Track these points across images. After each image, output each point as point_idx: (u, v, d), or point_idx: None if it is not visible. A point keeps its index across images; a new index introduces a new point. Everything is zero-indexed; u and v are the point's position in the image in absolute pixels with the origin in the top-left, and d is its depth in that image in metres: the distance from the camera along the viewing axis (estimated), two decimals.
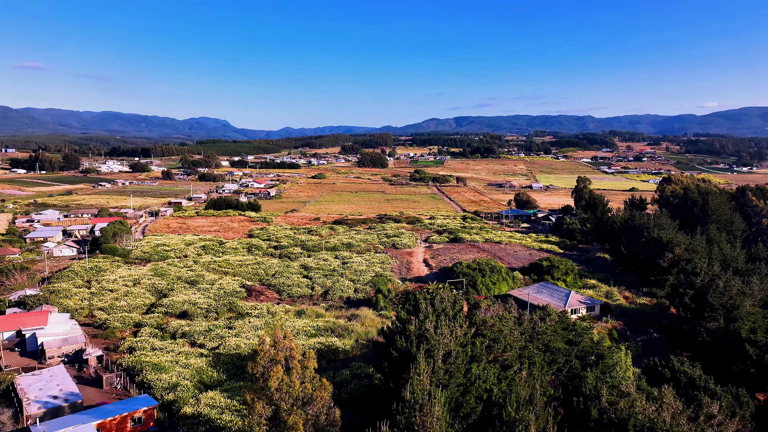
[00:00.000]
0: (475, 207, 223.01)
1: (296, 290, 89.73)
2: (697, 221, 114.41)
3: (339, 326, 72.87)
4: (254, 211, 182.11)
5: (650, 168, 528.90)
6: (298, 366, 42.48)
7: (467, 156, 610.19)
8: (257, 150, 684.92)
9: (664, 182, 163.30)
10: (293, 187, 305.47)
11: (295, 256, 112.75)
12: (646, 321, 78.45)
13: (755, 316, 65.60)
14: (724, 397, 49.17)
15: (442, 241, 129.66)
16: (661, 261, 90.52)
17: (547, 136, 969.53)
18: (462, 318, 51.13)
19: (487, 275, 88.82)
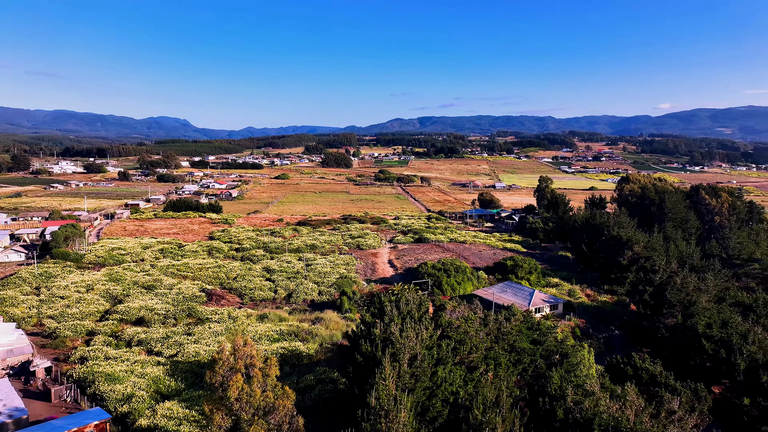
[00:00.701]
0: (439, 207, 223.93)
1: (258, 294, 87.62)
2: (655, 219, 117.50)
3: (303, 330, 71.36)
4: (215, 213, 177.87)
5: (608, 167, 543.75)
6: (259, 374, 40.94)
7: (431, 156, 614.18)
8: (218, 150, 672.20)
9: (622, 181, 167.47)
10: (256, 187, 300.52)
11: (257, 258, 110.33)
12: (607, 318, 79.72)
13: (711, 312, 67.31)
14: (683, 393, 50.10)
15: (407, 241, 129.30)
16: (620, 259, 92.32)
17: (510, 137, 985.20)
18: (428, 320, 50.52)
19: (452, 275, 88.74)
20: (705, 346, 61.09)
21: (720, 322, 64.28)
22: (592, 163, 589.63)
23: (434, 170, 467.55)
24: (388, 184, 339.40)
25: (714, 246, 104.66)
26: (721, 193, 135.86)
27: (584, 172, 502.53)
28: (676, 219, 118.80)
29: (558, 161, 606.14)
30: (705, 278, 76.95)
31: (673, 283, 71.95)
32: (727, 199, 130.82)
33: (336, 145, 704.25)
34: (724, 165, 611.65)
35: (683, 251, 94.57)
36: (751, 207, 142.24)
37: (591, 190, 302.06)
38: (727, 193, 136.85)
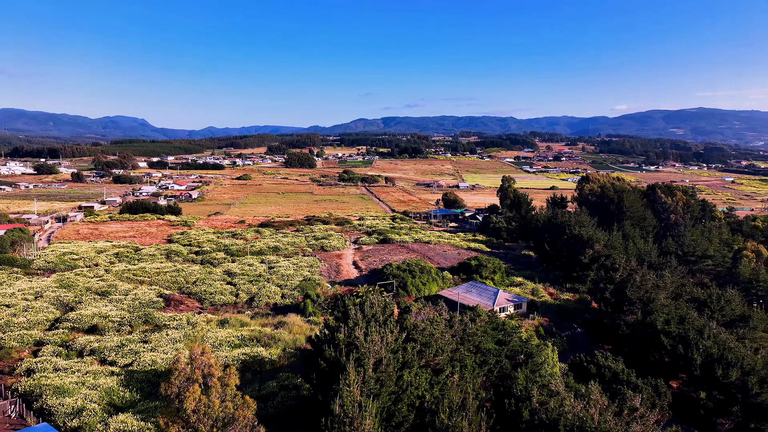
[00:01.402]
0: (404, 207, 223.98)
1: (219, 298, 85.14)
2: (614, 218, 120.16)
3: (265, 335, 69.53)
4: (174, 215, 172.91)
5: (569, 167, 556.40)
6: (217, 384, 39.25)
7: (395, 156, 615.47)
8: (178, 150, 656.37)
9: (582, 181, 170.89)
10: (217, 188, 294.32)
11: (218, 261, 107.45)
12: (570, 316, 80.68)
13: (669, 308, 68.87)
14: (645, 390, 50.83)
15: (372, 242, 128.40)
16: (582, 257, 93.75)
17: (473, 137, 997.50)
18: (393, 323, 49.70)
19: (417, 276, 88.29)
20: (664, 342, 62.40)
21: (677, 318, 65.83)
22: (552, 163, 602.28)
23: (398, 170, 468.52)
24: (353, 184, 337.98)
25: (670, 243, 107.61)
26: (676, 192, 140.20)
27: (545, 172, 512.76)
28: (634, 217, 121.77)
29: (520, 161, 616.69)
30: (663, 275, 78.79)
31: (632, 280, 73.30)
32: (682, 198, 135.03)
33: (299, 146, 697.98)
34: (678, 165, 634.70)
35: (641, 249, 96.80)
36: (703, 205, 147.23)
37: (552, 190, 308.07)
38: (681, 192, 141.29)
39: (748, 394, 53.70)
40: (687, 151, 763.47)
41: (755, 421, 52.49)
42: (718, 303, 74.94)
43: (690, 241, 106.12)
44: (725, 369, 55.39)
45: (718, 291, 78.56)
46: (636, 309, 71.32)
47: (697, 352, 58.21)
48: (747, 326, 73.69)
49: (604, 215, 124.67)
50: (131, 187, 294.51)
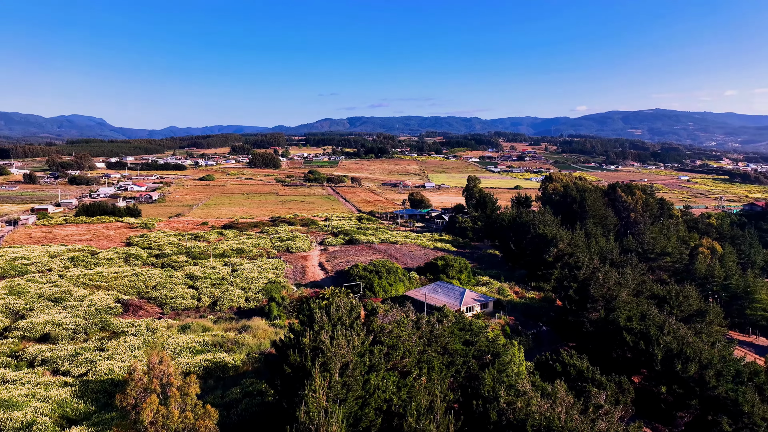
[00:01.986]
0: (370, 207, 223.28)
1: (180, 302, 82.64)
2: (576, 217, 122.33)
3: (228, 340, 67.72)
4: (134, 217, 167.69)
5: (532, 167, 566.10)
6: (177, 393, 37.67)
7: (361, 156, 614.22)
8: (138, 151, 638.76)
9: (546, 180, 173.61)
10: (178, 189, 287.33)
11: (179, 264, 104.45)
12: (535, 315, 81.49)
13: (630, 305, 70.21)
14: (609, 386, 51.49)
15: (338, 243, 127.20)
16: (546, 256, 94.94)
17: (438, 137, 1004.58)
18: (359, 326, 48.87)
19: (384, 277, 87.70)
20: (626, 338, 63.51)
21: (639, 314, 67.14)
22: (516, 163, 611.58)
23: (364, 170, 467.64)
24: (318, 184, 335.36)
25: (630, 241, 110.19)
26: (636, 190, 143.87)
27: (510, 172, 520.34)
28: (596, 216, 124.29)
29: (485, 161, 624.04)
30: (624, 273, 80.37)
31: (595, 278, 74.47)
32: (641, 197, 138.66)
33: (264, 146, 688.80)
34: (636, 164, 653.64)
35: (603, 247, 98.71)
36: (662, 204, 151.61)
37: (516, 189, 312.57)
38: (640, 191, 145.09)
39: (705, 388, 55.03)
40: (645, 151, 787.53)
41: (712, 413, 53.81)
42: (677, 299, 76.93)
43: (649, 238, 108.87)
44: (684, 363, 56.68)
45: (677, 287, 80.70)
46: (599, 306, 72.45)
47: (657, 348, 59.39)
48: (704, 321, 75.93)
49: (568, 214, 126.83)
50: (88, 188, 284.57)
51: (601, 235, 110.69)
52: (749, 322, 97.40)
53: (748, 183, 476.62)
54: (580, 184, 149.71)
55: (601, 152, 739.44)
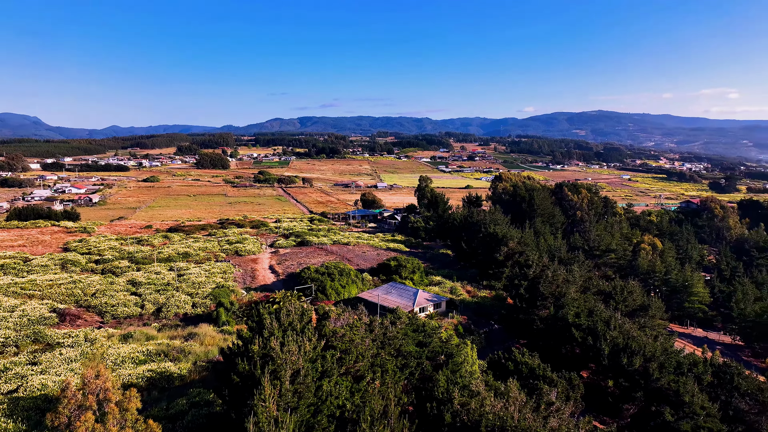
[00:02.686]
0: (322, 208, 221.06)
1: (122, 310, 78.69)
2: (525, 216, 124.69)
3: (174, 348, 64.80)
4: (72, 221, 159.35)
5: (482, 167, 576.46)
6: (115, 409, 35.33)
7: (313, 156, 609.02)
8: (77, 151, 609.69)
9: (496, 180, 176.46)
10: (121, 191, 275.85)
11: (121, 270, 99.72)
12: (487, 313, 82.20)
13: (578, 302, 71.78)
14: (559, 383, 52.18)
15: (289, 245, 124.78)
16: (497, 255, 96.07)
17: (390, 137, 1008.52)
18: (311, 330, 47.55)
19: (336, 279, 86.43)
20: (575, 335, 64.77)
21: (587, 311, 68.67)
22: (467, 163, 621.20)
23: (316, 171, 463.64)
24: (269, 185, 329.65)
25: (577, 239, 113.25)
26: (581, 189, 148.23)
27: (460, 171, 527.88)
28: (544, 215, 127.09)
29: (436, 161, 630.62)
30: (572, 270, 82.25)
31: (545, 276, 75.75)
32: (587, 196, 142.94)
33: (212, 146, 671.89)
34: (581, 164, 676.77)
35: (552, 245, 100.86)
36: (606, 202, 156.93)
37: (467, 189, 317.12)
38: (586, 190, 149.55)
39: (649, 380, 56.73)
40: (589, 151, 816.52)
41: (656, 404, 55.50)
42: (622, 294, 79.33)
43: (595, 236, 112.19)
44: (630, 357, 58.24)
45: (621, 283, 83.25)
46: (549, 303, 73.71)
47: (604, 343, 60.82)
48: (647, 315, 78.61)
49: (517, 213, 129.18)
50: (21, 191, 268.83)
51: (549, 233, 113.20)
52: (687, 314, 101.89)
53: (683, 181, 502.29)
54: (529, 184, 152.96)
55: (548, 152, 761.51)
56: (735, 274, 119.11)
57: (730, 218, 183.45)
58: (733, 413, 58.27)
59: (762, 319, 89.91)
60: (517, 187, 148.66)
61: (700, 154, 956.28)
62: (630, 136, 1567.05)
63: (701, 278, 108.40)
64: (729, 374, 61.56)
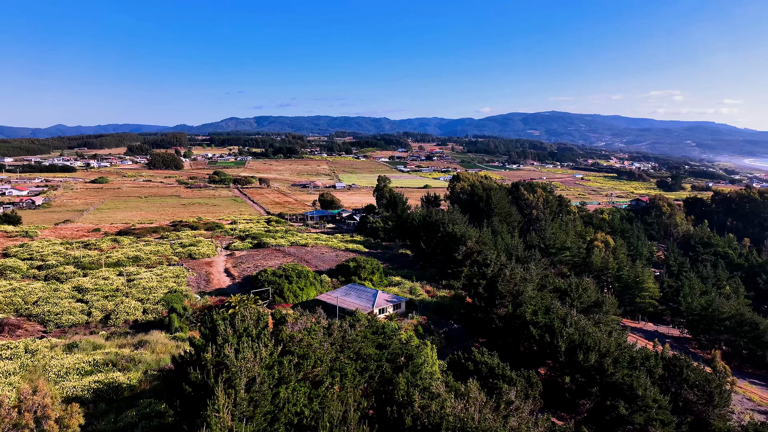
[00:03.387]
0: (279, 209, 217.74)
1: (67, 318, 74.81)
2: (483, 215, 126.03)
3: (123, 357, 61.96)
4: (12, 225, 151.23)
5: (440, 166, 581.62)
6: (54, 427, 33.29)
7: (270, 156, 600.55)
8: (18, 151, 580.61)
9: (454, 180, 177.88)
10: (67, 193, 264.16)
11: (66, 276, 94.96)
12: (446, 313, 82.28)
13: (536, 300, 72.67)
14: (519, 382, 52.42)
15: (245, 247, 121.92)
16: (456, 254, 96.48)
17: (348, 137, 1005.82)
18: (267, 336, 46.05)
19: (294, 281, 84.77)
20: (532, 332, 65.44)
21: (544, 308, 69.56)
22: (425, 163, 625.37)
23: (273, 171, 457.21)
24: (224, 186, 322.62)
25: (533, 237, 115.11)
26: (537, 189, 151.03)
27: (419, 171, 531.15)
28: (501, 214, 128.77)
29: (394, 161, 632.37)
30: (529, 268, 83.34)
31: (503, 275, 76.39)
32: (542, 194, 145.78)
33: (165, 146, 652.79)
34: (536, 163, 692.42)
35: (509, 244, 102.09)
36: (560, 201, 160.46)
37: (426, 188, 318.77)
38: (541, 189, 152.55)
39: (604, 375, 57.81)
40: (543, 151, 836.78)
41: (611, 398, 56.61)
42: (577, 291, 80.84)
43: (550, 234, 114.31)
44: (586, 353, 59.21)
45: (576, 280, 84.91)
46: (507, 302, 74.37)
47: (561, 340, 61.62)
48: (601, 311, 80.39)
49: (475, 212, 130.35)
50: None
51: (506, 232, 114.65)
52: (639, 309, 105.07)
53: (633, 180, 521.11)
54: (486, 183, 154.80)
55: (504, 152, 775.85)
56: (682, 269, 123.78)
57: (677, 215, 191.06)
58: (682, 404, 60.17)
59: (707, 313, 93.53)
60: (475, 186, 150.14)
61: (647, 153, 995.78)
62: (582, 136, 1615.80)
63: (651, 274, 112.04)
64: (678, 367, 63.55)
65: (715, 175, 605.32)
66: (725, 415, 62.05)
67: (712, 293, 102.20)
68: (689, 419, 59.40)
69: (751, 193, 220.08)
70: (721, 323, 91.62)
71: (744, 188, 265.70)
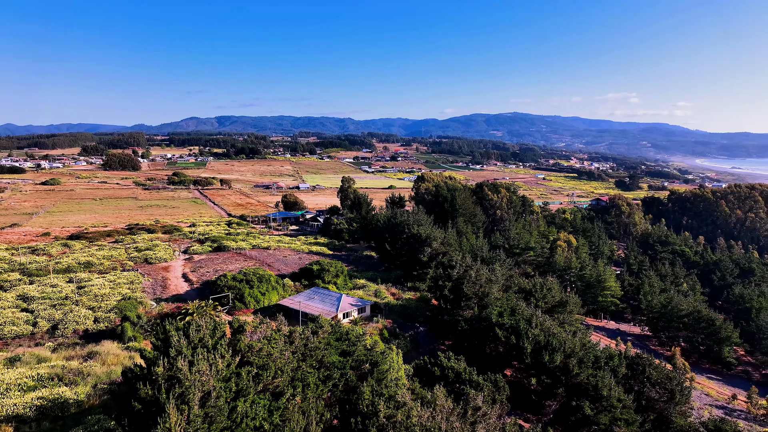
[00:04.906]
0: (241, 211, 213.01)
1: (10, 329, 70.27)
2: (448, 216, 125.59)
3: (71, 370, 58.30)
4: None
5: (405, 167, 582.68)
6: None
7: (232, 157, 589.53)
8: None
9: (418, 180, 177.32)
10: (15, 195, 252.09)
11: (10, 284, 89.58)
12: (412, 315, 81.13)
13: (501, 301, 72.23)
14: (485, 386, 51.56)
15: (205, 251, 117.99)
16: (421, 256, 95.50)
17: (312, 137, 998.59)
18: (224, 347, 43.67)
19: (256, 286, 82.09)
20: (498, 334, 64.88)
21: (509, 309, 69.14)
22: (390, 163, 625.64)
23: (235, 172, 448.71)
24: (184, 187, 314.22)
25: (498, 237, 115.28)
26: (501, 189, 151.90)
27: (383, 172, 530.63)
28: (466, 214, 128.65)
29: (359, 161, 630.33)
30: (494, 269, 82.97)
31: (468, 276, 75.71)
32: (506, 195, 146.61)
33: (121, 146, 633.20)
34: (499, 163, 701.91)
35: (474, 244, 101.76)
36: (524, 201, 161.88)
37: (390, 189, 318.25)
38: (505, 189, 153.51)
39: (569, 375, 57.63)
40: (506, 152, 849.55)
41: (576, 398, 56.45)
42: (541, 291, 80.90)
43: (514, 234, 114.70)
44: (551, 354, 58.90)
45: (541, 280, 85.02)
46: (473, 304, 73.69)
47: (527, 341, 61.22)
48: (565, 311, 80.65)
49: (440, 213, 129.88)
50: None
51: (471, 232, 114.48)
52: (601, 307, 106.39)
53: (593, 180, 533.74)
54: (451, 184, 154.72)
55: (468, 152, 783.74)
56: (642, 267, 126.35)
57: (636, 214, 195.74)
58: (645, 402, 60.57)
59: (667, 310, 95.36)
60: (440, 187, 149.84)
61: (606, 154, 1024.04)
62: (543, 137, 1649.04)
63: (612, 273, 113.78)
64: (641, 366, 64.01)
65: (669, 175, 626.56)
66: (686, 411, 62.78)
67: (671, 291, 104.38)
68: (651, 417, 59.81)
69: (704, 193, 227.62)
70: (680, 320, 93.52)
71: (698, 188, 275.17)
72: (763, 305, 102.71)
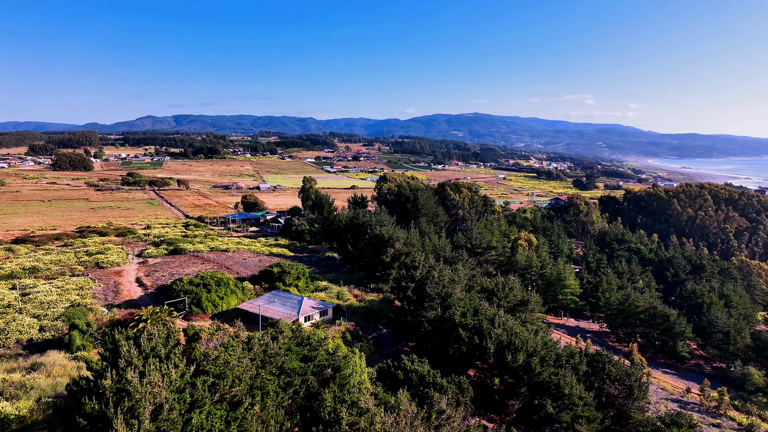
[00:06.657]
0: (199, 212, 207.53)
1: None
2: (411, 216, 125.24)
3: (12, 384, 54.77)
4: None
5: (367, 167, 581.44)
6: None
7: (190, 157, 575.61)
8: None
9: (381, 180, 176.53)
10: None
11: None
12: (375, 317, 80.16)
13: (464, 301, 72.02)
14: (450, 389, 50.99)
15: (160, 254, 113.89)
16: (384, 257, 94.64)
17: (273, 137, 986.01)
18: (178, 356, 41.58)
19: (214, 290, 79.41)
20: (462, 335, 64.61)
21: (472, 310, 69.00)
22: (352, 163, 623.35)
23: (193, 172, 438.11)
24: (139, 188, 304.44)
25: (460, 237, 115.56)
26: (463, 189, 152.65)
27: (345, 172, 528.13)
28: (428, 214, 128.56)
29: (321, 161, 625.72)
30: (456, 269, 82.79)
31: (431, 276, 75.24)
32: (468, 195, 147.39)
33: (72, 145, 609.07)
34: (460, 163, 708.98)
35: (437, 244, 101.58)
36: (485, 200, 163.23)
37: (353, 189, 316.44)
38: (467, 189, 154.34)
39: (532, 374, 57.79)
40: (467, 152, 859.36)
41: (538, 397, 56.65)
42: (504, 291, 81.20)
43: (476, 234, 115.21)
44: (514, 354, 58.96)
45: (503, 279, 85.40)
46: (436, 304, 73.24)
47: (490, 341, 61.13)
48: (527, 309, 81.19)
49: (402, 213, 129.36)
50: None
51: (434, 233, 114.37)
52: (561, 305, 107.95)
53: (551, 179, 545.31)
54: (413, 184, 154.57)
55: (430, 152, 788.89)
56: (600, 265, 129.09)
57: (593, 213, 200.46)
58: (605, 399, 61.30)
59: (624, 307, 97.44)
60: (402, 187, 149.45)
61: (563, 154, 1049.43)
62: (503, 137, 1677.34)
63: (572, 271, 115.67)
64: (601, 363, 64.81)
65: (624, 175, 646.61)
66: (644, 406, 63.88)
67: (628, 288, 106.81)
68: (611, 413, 60.57)
69: (657, 192, 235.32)
70: (637, 317, 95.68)
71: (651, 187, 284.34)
72: (714, 300, 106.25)
